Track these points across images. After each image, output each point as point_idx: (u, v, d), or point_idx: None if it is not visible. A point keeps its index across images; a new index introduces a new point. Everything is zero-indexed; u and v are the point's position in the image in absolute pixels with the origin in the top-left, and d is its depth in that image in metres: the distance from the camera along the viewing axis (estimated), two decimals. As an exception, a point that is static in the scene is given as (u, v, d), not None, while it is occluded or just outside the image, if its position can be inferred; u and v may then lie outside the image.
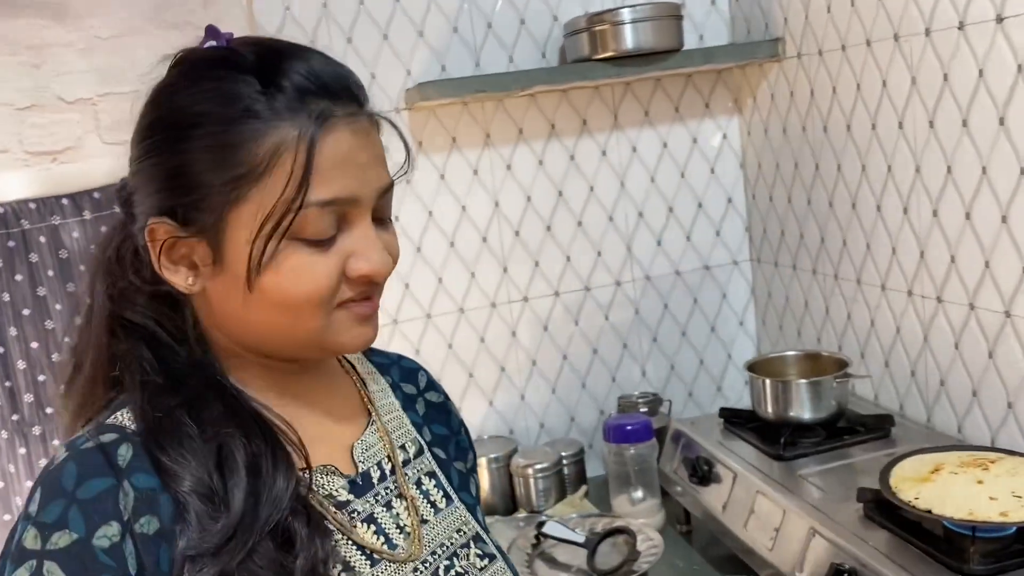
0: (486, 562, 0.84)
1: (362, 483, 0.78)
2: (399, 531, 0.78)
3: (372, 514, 0.77)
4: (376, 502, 0.78)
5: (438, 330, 1.90)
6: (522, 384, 1.98)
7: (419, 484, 0.83)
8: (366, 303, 0.72)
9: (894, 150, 1.56)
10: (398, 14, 1.83)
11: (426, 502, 0.82)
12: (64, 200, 1.70)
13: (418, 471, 0.84)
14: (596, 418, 2.02)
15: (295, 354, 0.75)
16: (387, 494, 0.79)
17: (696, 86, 2.01)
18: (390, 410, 0.86)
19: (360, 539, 0.74)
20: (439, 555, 0.80)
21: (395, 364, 0.93)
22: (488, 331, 1.94)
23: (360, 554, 0.73)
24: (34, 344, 1.66)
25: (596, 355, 2.02)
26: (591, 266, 1.99)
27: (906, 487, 1.21)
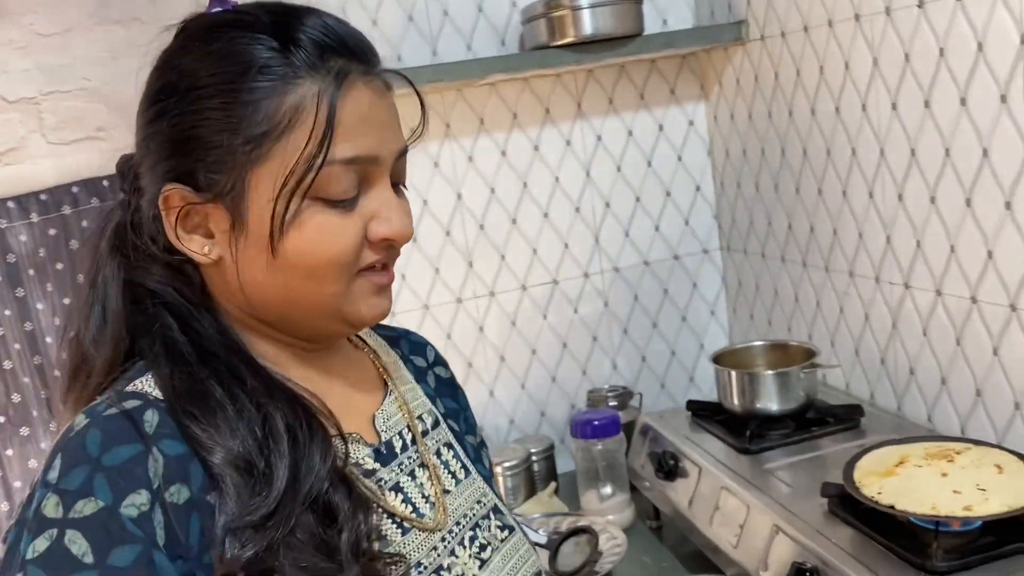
0: (506, 534, 0.84)
1: (386, 452, 0.77)
2: (424, 500, 0.77)
3: (398, 483, 0.76)
4: (401, 471, 0.77)
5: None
6: (490, 380, 1.94)
7: (439, 455, 0.83)
8: (384, 272, 0.72)
9: (858, 133, 1.52)
10: (351, 3, 1.78)
11: (447, 472, 0.82)
12: (10, 203, 1.65)
13: (437, 442, 0.83)
14: (567, 413, 1.99)
15: (313, 327, 0.73)
16: (410, 463, 0.79)
17: (661, 72, 1.96)
18: (405, 381, 0.86)
19: (390, 507, 0.73)
20: (463, 525, 0.79)
21: (403, 337, 0.93)
22: (455, 327, 1.90)
23: (391, 523, 0.73)
24: (-19, 352, 1.61)
25: (566, 349, 1.98)
26: (558, 259, 1.95)
27: (870, 481, 1.18)
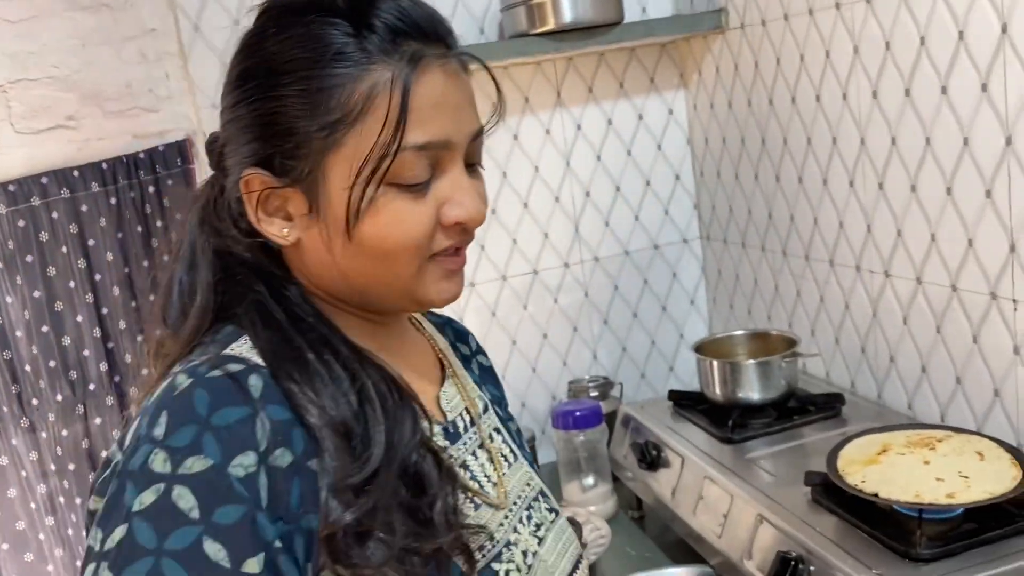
0: (553, 516, 0.86)
1: (452, 431, 0.79)
2: (487, 480, 0.79)
3: (465, 461, 0.78)
4: (466, 450, 0.79)
5: (381, 319, 1.84)
6: (470, 371, 1.92)
7: (491, 438, 0.84)
8: (456, 257, 0.72)
9: (839, 122, 1.52)
10: (327, -9, 1.75)
11: (500, 455, 0.84)
12: (-23, 195, 1.61)
13: (488, 426, 0.85)
14: (547, 404, 1.98)
15: (387, 305, 0.75)
16: (472, 444, 0.80)
17: (640, 60, 1.95)
18: (459, 365, 0.88)
19: (464, 482, 0.75)
20: (519, 505, 0.81)
21: (447, 324, 0.94)
22: (434, 318, 1.88)
23: (463, 497, 0.73)
24: (-50, 348, 1.58)
25: (546, 340, 1.97)
26: (539, 249, 1.94)
27: (853, 470, 1.18)
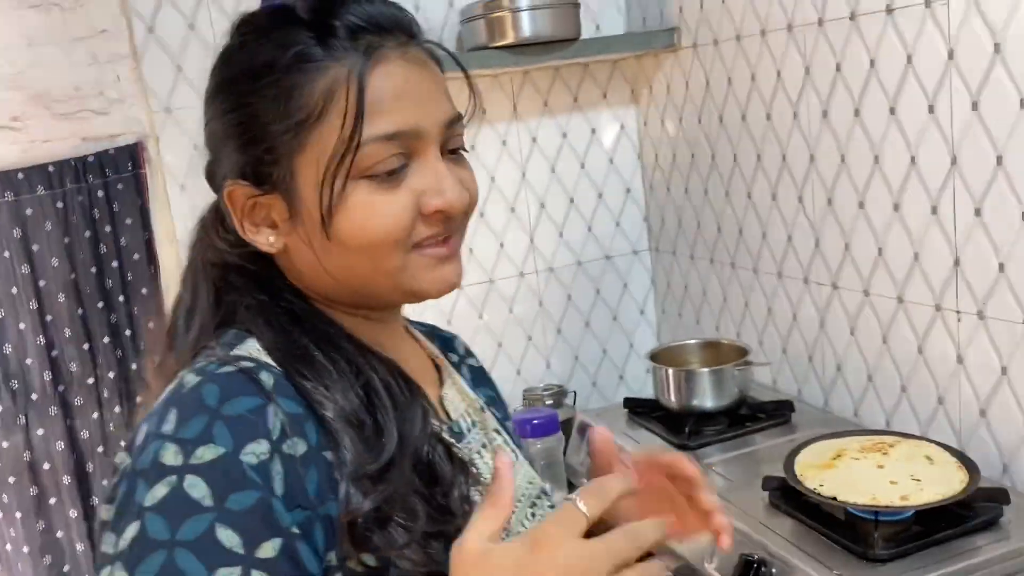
0: None
1: (457, 431, 0.79)
2: (490, 477, 0.79)
3: (472, 460, 0.78)
4: (471, 450, 0.79)
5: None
6: (424, 381, 1.92)
7: (493, 438, 0.85)
8: (444, 244, 0.71)
9: (788, 139, 1.58)
10: (285, -3, 1.74)
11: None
12: (-84, 197, 1.55)
13: (489, 426, 0.85)
14: (500, 413, 1.99)
15: (382, 300, 0.75)
16: (476, 444, 0.81)
17: (594, 76, 1.99)
18: (451, 370, 0.88)
19: (475, 477, 0.76)
20: (523, 503, 0.81)
21: (433, 332, 0.94)
22: (388, 327, 1.88)
23: (474, 491, 0.74)
24: None
25: (501, 348, 1.99)
26: (494, 258, 1.95)
27: (811, 474, 1.23)
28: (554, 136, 1.97)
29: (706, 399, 1.58)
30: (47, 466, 1.68)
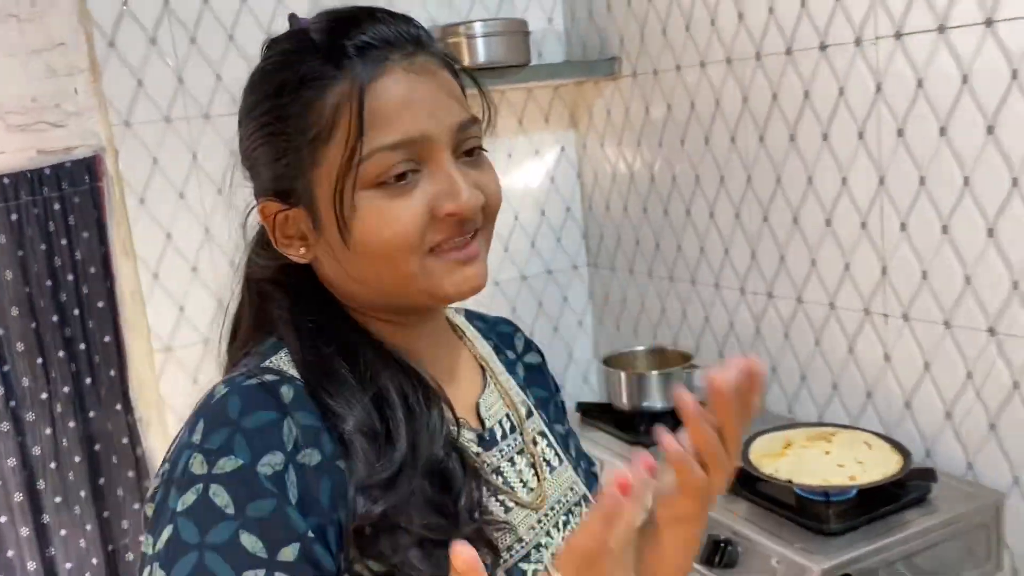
0: None
1: (488, 439, 0.80)
2: (523, 486, 0.80)
3: (499, 468, 0.79)
4: (501, 457, 0.80)
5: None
6: (376, 392, 1.97)
7: (534, 443, 0.85)
8: (463, 248, 0.72)
9: (726, 162, 1.73)
10: (244, 15, 1.78)
11: (543, 460, 0.85)
12: None
13: (531, 431, 0.85)
14: (449, 422, 2.06)
15: (410, 304, 0.76)
16: (510, 451, 0.81)
17: (537, 100, 2.11)
18: (499, 372, 0.88)
19: (495, 484, 0.77)
20: (556, 511, 0.82)
21: (492, 330, 0.94)
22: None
23: (495, 500, 0.76)
24: None
25: (447, 360, 2.06)
26: (442, 273, 2.02)
27: (766, 462, 1.36)
28: (501, 156, 2.07)
29: (656, 400, 1.70)
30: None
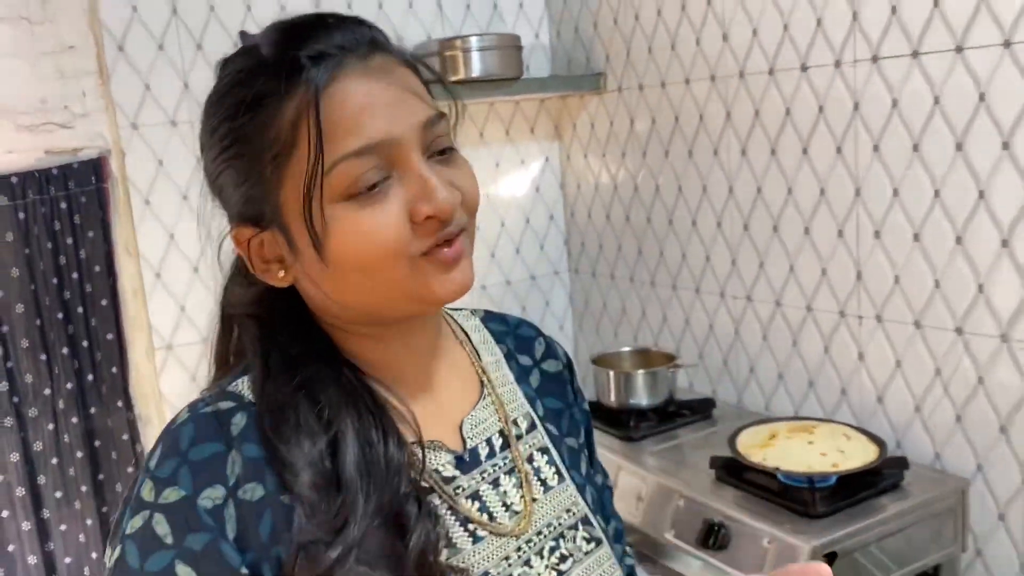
0: (592, 546, 0.80)
1: (469, 460, 0.76)
2: (504, 509, 0.76)
3: (477, 491, 0.75)
4: (482, 479, 0.76)
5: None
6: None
7: (531, 459, 0.81)
8: (447, 248, 0.69)
9: (709, 173, 1.84)
10: (248, 23, 1.84)
11: (536, 479, 0.80)
12: None
13: (530, 447, 0.81)
14: (437, 421, 2.12)
15: (399, 314, 0.73)
16: (495, 471, 0.77)
17: (524, 112, 2.20)
18: (504, 382, 0.84)
19: (465, 513, 0.73)
20: (545, 535, 0.78)
21: (511, 333, 0.89)
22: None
23: (463, 530, 0.73)
24: None
25: (436, 361, 2.13)
26: (433, 276, 2.10)
27: (753, 452, 1.46)
28: (489, 165, 2.15)
29: (642, 398, 1.79)
30: (0, 478, 1.67)
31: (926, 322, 1.47)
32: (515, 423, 0.81)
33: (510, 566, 0.74)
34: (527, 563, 0.75)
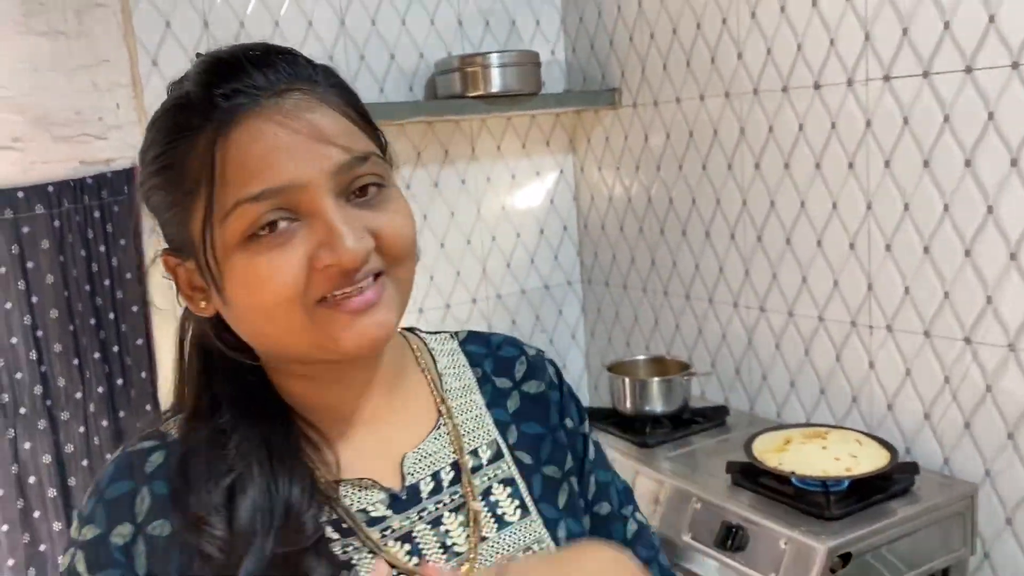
0: None
1: (406, 497, 0.73)
2: (442, 550, 0.72)
3: (410, 532, 0.72)
4: (419, 518, 0.72)
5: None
6: (386, 397, 2.08)
7: (488, 494, 0.76)
8: (357, 296, 0.65)
9: (722, 187, 1.89)
10: (277, 38, 1.88)
11: (491, 516, 0.75)
12: (-84, 211, 1.57)
13: (490, 479, 0.77)
14: (453, 427, 2.17)
15: (305, 360, 0.70)
16: (437, 509, 0.73)
17: (540, 126, 2.25)
18: (469, 408, 0.80)
19: (391, 558, 0.70)
20: None
21: (491, 355, 0.84)
22: (355, 347, 2.02)
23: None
24: None
25: (453, 368, 2.17)
26: (451, 285, 2.15)
27: (769, 456, 1.50)
28: (505, 177, 2.21)
29: (656, 405, 1.84)
30: (33, 479, 1.71)
31: (935, 332, 1.52)
32: (474, 454, 0.77)
33: None
34: None
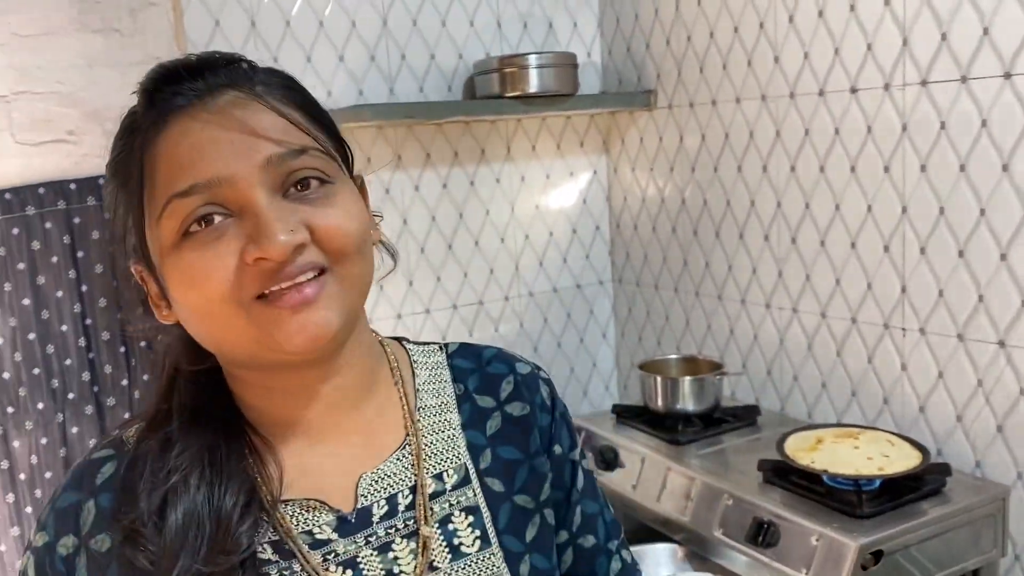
0: None
1: (355, 521, 0.70)
2: None
3: (355, 557, 0.69)
4: (366, 544, 0.70)
5: (348, 340, 2.00)
6: (420, 391, 2.11)
7: (447, 522, 0.73)
8: (295, 292, 0.64)
9: (757, 189, 1.91)
10: (321, 38, 1.94)
11: (445, 544, 0.72)
12: (-25, 200, 1.63)
13: (451, 506, 0.74)
14: (485, 422, 2.20)
15: (260, 363, 0.68)
16: (387, 534, 0.71)
17: (575, 127, 2.28)
18: (441, 428, 0.76)
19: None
20: None
21: (479, 370, 0.81)
22: (390, 342, 2.06)
23: None
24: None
25: (485, 364, 2.21)
26: (485, 282, 2.18)
27: (801, 455, 1.52)
28: (539, 176, 2.24)
29: (688, 403, 1.86)
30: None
31: (969, 335, 1.54)
32: (439, 478, 0.74)
33: None
34: None
